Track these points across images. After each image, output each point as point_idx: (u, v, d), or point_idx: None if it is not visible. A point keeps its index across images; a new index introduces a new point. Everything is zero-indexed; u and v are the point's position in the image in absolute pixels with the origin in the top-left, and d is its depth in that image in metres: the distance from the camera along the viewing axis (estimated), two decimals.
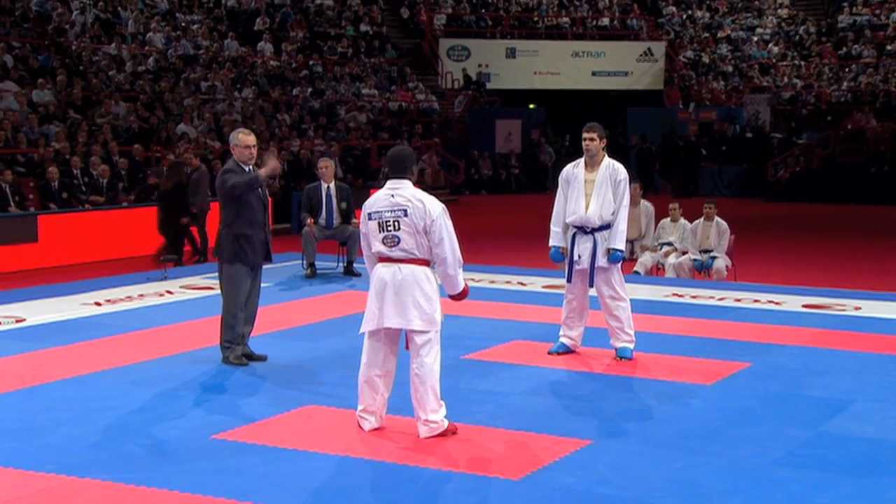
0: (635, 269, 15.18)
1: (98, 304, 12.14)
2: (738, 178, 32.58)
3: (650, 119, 35.66)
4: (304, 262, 14.24)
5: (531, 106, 37.67)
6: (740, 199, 31.28)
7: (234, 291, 9.22)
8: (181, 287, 13.18)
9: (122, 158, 21.35)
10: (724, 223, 14.83)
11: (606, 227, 9.40)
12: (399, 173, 7.35)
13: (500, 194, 32.15)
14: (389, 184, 7.35)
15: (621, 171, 9.39)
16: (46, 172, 19.34)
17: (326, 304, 12.24)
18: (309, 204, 14.34)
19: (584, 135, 9.42)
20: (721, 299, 12.67)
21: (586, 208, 9.40)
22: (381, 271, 7.29)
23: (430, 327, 7.23)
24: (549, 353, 9.66)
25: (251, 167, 9.32)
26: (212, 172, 18.57)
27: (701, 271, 14.86)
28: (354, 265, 14.28)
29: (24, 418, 7.63)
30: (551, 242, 9.67)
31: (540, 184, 33.26)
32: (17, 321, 11.13)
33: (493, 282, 13.88)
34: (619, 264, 9.53)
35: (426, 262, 7.30)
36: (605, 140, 9.47)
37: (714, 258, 14.70)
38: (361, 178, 25.77)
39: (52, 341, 10.15)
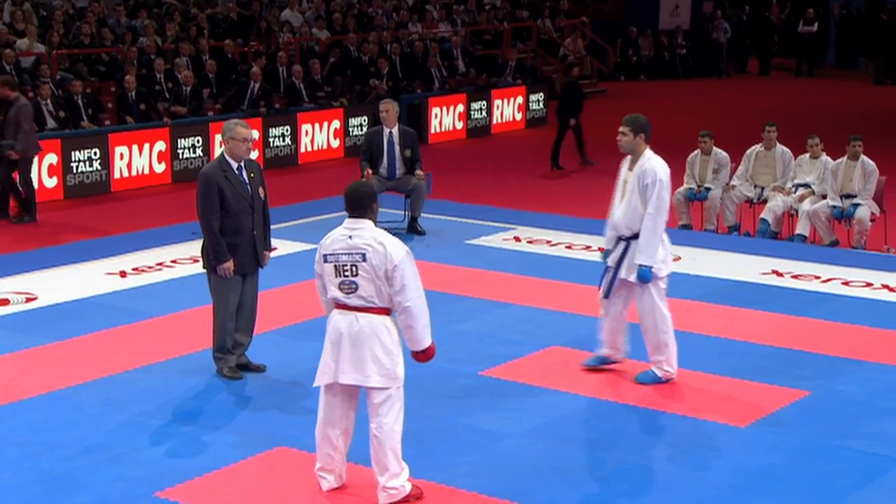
0: (762, 215, 15.07)
1: (123, 274, 12.81)
2: None
3: None
4: None
5: None
6: None
7: (222, 302, 9.66)
8: None
9: (211, 60, 21.88)
10: (871, 163, 14.54)
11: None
12: (358, 212, 7.54)
13: (662, 80, 31.73)
14: (348, 223, 7.53)
15: (649, 174, 9.30)
16: (124, 81, 19.97)
17: None
18: (369, 151, 14.60)
19: (620, 129, 9.43)
20: (826, 281, 12.56)
21: (616, 211, 9.50)
22: (337, 320, 7.55)
23: (389, 384, 7.49)
24: (583, 366, 9.86)
25: (242, 164, 9.61)
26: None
27: (841, 221, 14.64)
28: (419, 221, 14.61)
29: None
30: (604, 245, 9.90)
31: (712, 67, 32.64)
32: (28, 300, 11.87)
33: (569, 247, 13.99)
34: (657, 280, 9.50)
35: (387, 311, 7.53)
36: (641, 135, 9.41)
37: (857, 205, 14.42)
38: (485, 74, 25.80)
39: (51, 333, 10.84)
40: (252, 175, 9.70)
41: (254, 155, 19.49)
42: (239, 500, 7.64)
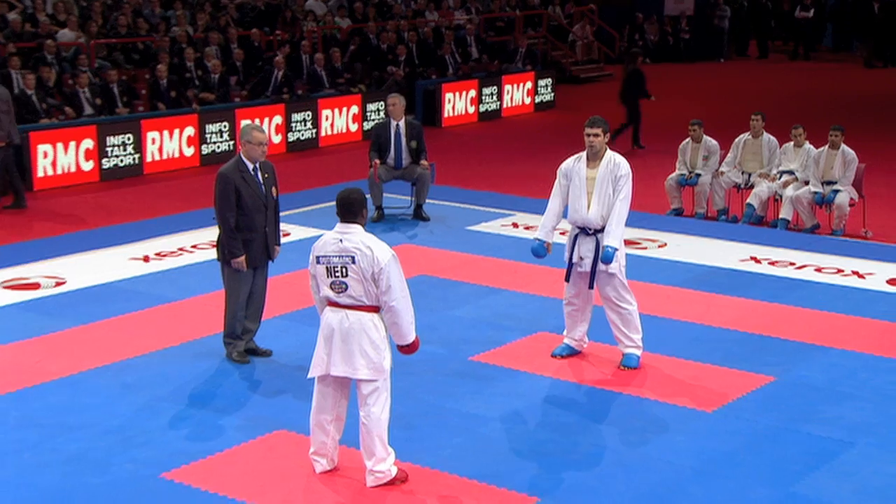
0: (749, 200, 15.18)
1: (146, 259, 13.02)
2: None
3: None
4: (372, 204, 14.76)
5: None
6: None
7: (234, 292, 9.87)
8: None
9: (239, 49, 22.01)
10: (851, 152, 14.64)
11: None
12: (349, 218, 7.73)
13: (666, 63, 31.70)
14: (339, 227, 7.73)
15: (622, 167, 9.56)
16: (156, 69, 20.15)
17: None
18: (378, 143, 14.79)
19: (587, 130, 9.59)
20: (801, 268, 12.65)
21: (588, 208, 9.59)
22: (329, 316, 7.76)
23: (377, 376, 7.69)
24: (553, 355, 10.01)
25: (257, 165, 9.77)
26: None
27: (822, 206, 14.74)
28: (424, 208, 14.78)
29: None
30: (536, 234, 10.06)
31: (714, 51, 32.55)
32: (57, 284, 12.09)
33: (563, 233, 14.04)
34: (621, 266, 9.67)
35: (375, 309, 7.71)
36: (608, 134, 9.69)
37: (837, 192, 14.50)
38: (497, 60, 25.84)
39: (76, 317, 11.06)
40: (266, 176, 9.88)
41: (277, 140, 20.06)
42: (237, 481, 7.82)
